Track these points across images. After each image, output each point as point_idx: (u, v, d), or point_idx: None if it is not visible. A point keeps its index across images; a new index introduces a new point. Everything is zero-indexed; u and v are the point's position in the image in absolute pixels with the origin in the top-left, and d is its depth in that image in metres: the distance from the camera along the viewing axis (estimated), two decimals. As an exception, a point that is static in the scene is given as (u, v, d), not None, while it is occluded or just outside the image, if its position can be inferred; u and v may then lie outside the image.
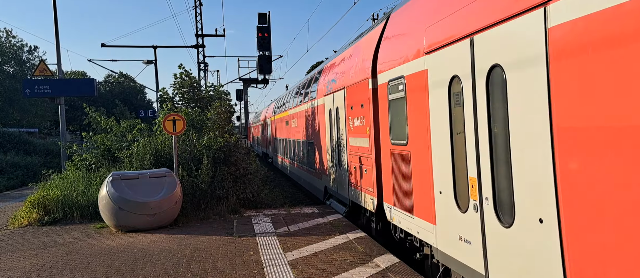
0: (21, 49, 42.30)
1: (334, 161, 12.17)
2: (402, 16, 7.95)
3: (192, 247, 9.07)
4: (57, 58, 20.03)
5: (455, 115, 5.62)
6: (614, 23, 3.26)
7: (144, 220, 10.57)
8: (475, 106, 5.10)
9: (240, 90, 28.59)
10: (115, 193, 10.47)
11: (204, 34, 30.46)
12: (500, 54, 4.61)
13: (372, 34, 9.73)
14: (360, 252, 8.17)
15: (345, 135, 10.86)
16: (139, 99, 59.10)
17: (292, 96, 20.35)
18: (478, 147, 5.07)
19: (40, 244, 9.79)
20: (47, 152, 29.18)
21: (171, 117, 12.31)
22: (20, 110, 39.88)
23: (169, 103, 16.23)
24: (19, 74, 39.88)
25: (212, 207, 12.30)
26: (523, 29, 4.23)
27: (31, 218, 11.93)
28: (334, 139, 12.00)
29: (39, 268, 8.02)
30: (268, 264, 7.70)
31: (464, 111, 5.36)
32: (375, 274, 7.00)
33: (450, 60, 5.64)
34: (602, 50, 3.37)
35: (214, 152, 13.32)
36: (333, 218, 11.17)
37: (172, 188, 10.92)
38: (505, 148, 4.61)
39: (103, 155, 14.55)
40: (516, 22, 4.32)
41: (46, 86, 19.62)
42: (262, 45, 21.48)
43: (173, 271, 7.54)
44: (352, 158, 10.38)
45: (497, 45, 4.67)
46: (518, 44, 4.31)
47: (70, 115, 43.43)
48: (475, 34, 5.04)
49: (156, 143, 13.58)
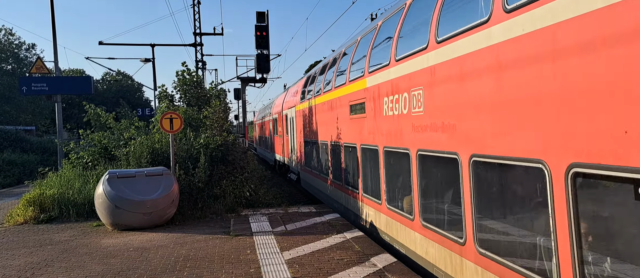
0: (19, 46, 42.19)
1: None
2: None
3: (189, 245, 9.04)
4: (54, 56, 19.96)
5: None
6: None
7: (140, 219, 10.53)
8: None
9: (238, 89, 28.55)
10: (112, 191, 10.43)
11: (202, 33, 30.39)
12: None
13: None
14: (358, 252, 8.15)
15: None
16: (136, 97, 59.00)
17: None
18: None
19: (35, 242, 9.74)
20: (44, 149, 29.12)
21: (168, 115, 12.28)
22: (17, 107, 39.76)
23: (165, 101, 16.19)
24: (16, 72, 39.77)
25: (209, 205, 12.27)
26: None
27: (27, 216, 11.87)
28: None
29: (34, 267, 7.97)
30: (265, 263, 7.67)
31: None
32: (372, 273, 6.98)
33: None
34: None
35: (211, 151, 13.28)
36: (330, 218, 11.14)
37: (168, 187, 10.88)
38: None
39: (100, 153, 14.50)
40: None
41: (43, 84, 19.56)
42: (260, 44, 21.46)
43: (169, 270, 7.51)
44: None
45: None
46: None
47: (67, 113, 43.31)
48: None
49: (153, 141, 13.53)
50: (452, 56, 5.73)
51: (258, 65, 21.99)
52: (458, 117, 5.67)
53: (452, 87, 5.78)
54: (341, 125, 11.53)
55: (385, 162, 8.59)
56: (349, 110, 10.74)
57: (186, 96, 16.80)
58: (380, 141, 8.76)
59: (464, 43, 5.42)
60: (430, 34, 6.33)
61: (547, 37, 4.02)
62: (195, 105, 16.50)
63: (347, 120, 10.96)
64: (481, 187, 5.34)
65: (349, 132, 10.90)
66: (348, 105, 10.75)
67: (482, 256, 5.27)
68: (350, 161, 11.06)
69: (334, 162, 12.44)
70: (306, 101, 15.90)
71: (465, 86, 5.45)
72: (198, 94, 16.86)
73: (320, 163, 14.34)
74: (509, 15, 4.60)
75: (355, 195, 10.75)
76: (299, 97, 17.47)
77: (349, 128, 10.91)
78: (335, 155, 12.24)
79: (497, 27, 4.78)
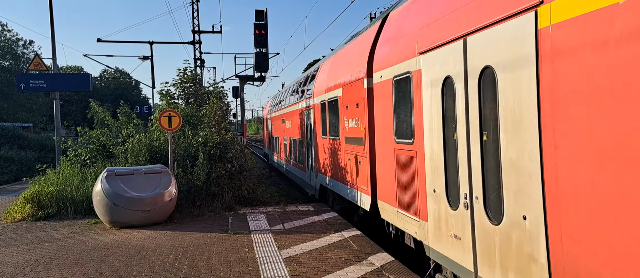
0: (16, 43, 42.08)
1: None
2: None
3: (187, 243, 9.04)
4: (53, 52, 19.93)
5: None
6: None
7: (138, 217, 10.53)
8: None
9: (236, 87, 28.49)
10: (110, 189, 10.43)
11: (201, 31, 30.40)
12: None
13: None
14: (355, 250, 8.17)
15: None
16: (134, 95, 58.89)
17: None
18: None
19: (33, 239, 9.74)
20: (42, 147, 29.06)
21: (167, 113, 12.28)
22: (15, 104, 39.67)
23: (165, 99, 16.20)
24: (14, 68, 39.68)
25: (207, 203, 12.28)
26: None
27: (25, 213, 11.86)
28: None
29: (32, 264, 7.97)
30: (263, 261, 7.69)
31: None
32: (369, 272, 7.00)
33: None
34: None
35: (210, 149, 13.29)
36: (328, 216, 11.16)
37: (167, 185, 10.89)
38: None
39: (98, 151, 14.48)
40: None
41: (41, 81, 19.51)
42: (259, 42, 21.44)
43: (167, 267, 7.52)
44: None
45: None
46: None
47: (65, 110, 43.24)
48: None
49: (152, 139, 13.53)
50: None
51: (257, 64, 21.95)
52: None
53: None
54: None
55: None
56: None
57: (185, 92, 16.83)
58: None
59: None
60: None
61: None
62: (193, 103, 16.51)
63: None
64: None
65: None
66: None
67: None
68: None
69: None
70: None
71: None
72: (196, 91, 16.90)
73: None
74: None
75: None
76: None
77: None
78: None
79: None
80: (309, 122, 14.50)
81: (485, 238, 4.89)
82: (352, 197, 10.38)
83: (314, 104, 13.71)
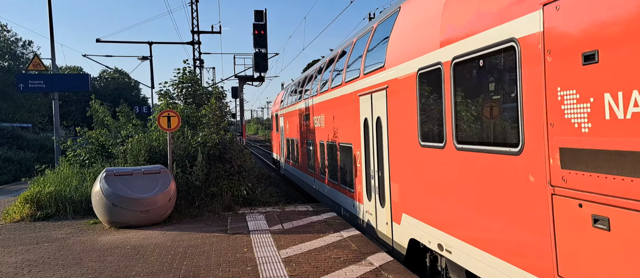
0: (15, 43, 42.06)
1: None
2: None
3: (186, 243, 9.05)
4: (52, 53, 19.92)
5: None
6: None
7: (137, 217, 10.53)
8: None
9: (235, 87, 28.47)
10: (109, 189, 10.43)
11: (200, 31, 30.39)
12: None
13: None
14: (354, 250, 8.18)
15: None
16: (133, 95, 58.88)
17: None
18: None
19: (32, 239, 9.73)
20: (41, 147, 29.06)
21: (166, 114, 12.28)
22: (14, 105, 39.64)
23: (164, 99, 16.20)
24: (13, 68, 39.65)
25: (206, 204, 12.27)
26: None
27: (23, 213, 11.86)
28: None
29: (31, 264, 7.97)
30: (262, 261, 7.69)
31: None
32: (368, 272, 7.01)
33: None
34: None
35: (209, 149, 13.28)
36: (327, 217, 11.17)
37: (166, 185, 10.89)
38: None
39: (97, 151, 14.49)
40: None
41: (40, 81, 19.50)
42: (258, 43, 21.43)
43: (166, 267, 7.52)
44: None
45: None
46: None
47: (64, 111, 43.23)
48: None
49: (151, 139, 13.53)
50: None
51: (256, 64, 21.93)
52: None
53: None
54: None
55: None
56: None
57: (183, 92, 16.85)
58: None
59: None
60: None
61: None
62: (192, 103, 16.52)
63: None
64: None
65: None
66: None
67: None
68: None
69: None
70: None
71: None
72: (195, 91, 16.91)
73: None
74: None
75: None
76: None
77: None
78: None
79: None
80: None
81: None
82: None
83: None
